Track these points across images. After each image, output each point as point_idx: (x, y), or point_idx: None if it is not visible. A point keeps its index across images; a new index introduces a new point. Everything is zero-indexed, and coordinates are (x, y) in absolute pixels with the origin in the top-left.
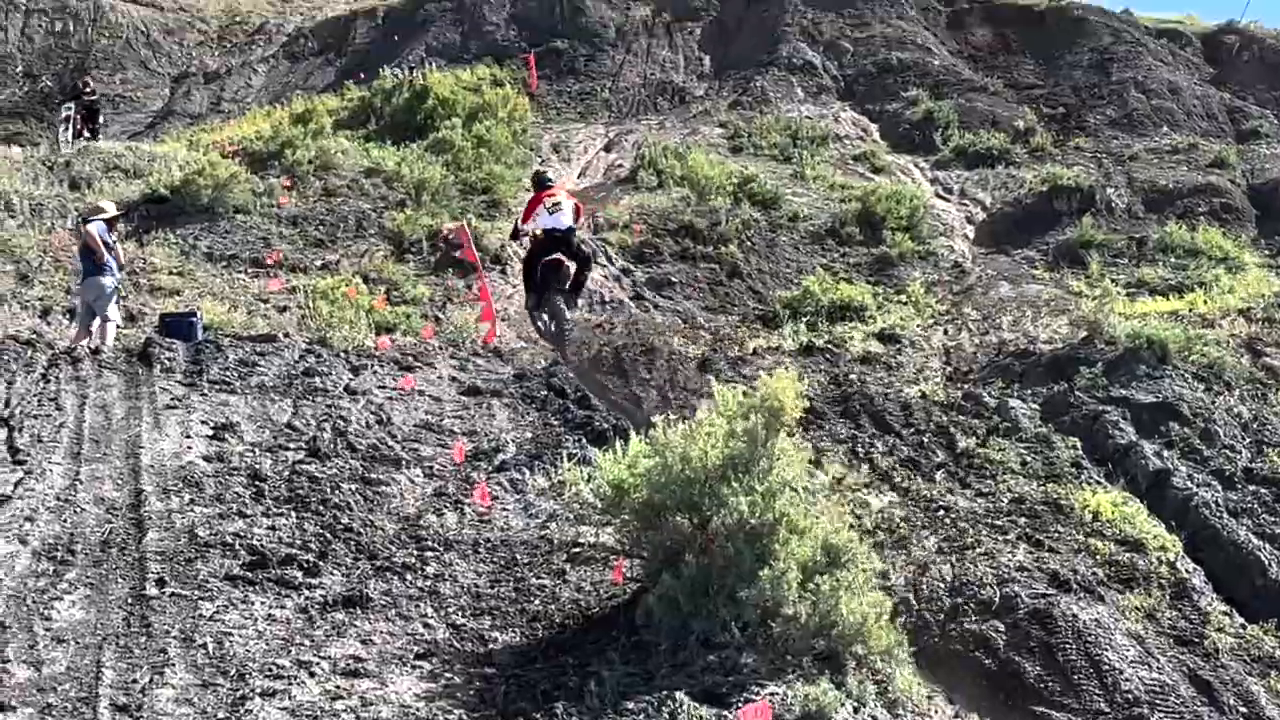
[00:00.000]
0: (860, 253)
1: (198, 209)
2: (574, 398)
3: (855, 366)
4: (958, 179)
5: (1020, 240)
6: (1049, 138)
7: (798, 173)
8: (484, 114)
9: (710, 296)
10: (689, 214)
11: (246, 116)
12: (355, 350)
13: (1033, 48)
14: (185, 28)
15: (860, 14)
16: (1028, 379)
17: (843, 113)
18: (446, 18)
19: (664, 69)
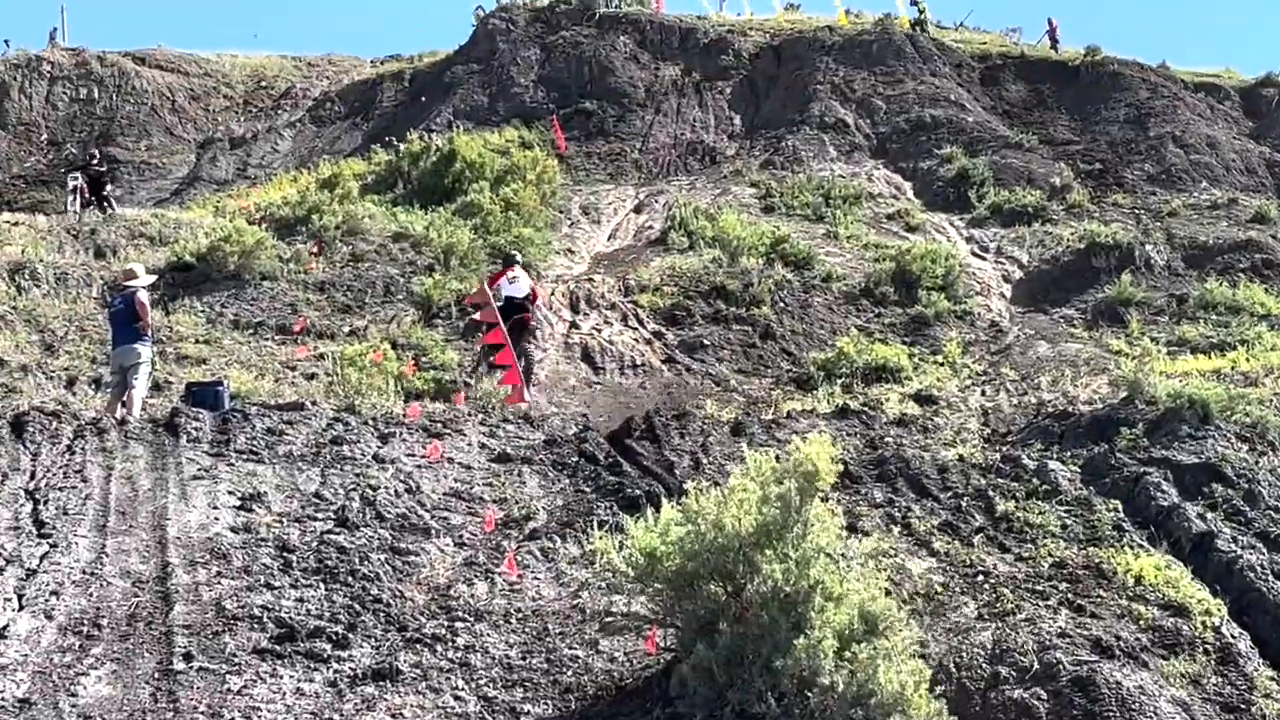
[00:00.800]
0: (895, 313)
1: (224, 276)
2: (605, 464)
3: (891, 429)
4: (994, 237)
5: (1058, 299)
6: (1086, 194)
7: (831, 232)
8: (512, 176)
9: (743, 359)
10: (721, 275)
11: (273, 182)
12: (384, 418)
13: (1068, 103)
14: (211, 93)
15: (893, 71)
16: (1067, 440)
17: (876, 171)
18: (474, 80)
19: (694, 129)
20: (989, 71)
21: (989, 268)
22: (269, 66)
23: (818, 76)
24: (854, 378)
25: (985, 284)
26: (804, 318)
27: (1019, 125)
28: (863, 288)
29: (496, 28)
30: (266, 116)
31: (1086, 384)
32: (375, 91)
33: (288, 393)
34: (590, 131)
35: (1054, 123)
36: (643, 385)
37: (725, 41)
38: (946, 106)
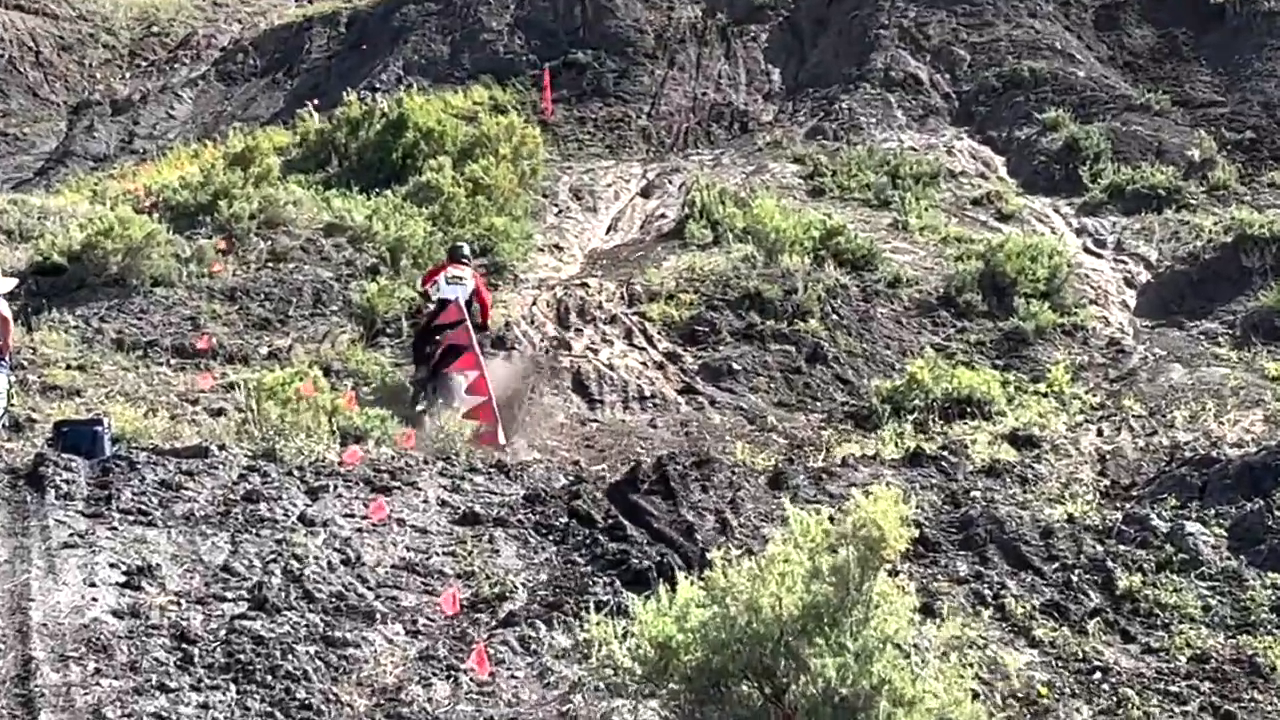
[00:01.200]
0: (984, 327)
1: (104, 281)
2: (604, 526)
3: (979, 480)
4: (1113, 228)
5: (1198, 308)
6: (1234, 172)
7: (899, 222)
8: (481, 150)
9: (784, 388)
10: (755, 279)
11: (168, 158)
12: (313, 466)
13: (1210, 52)
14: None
15: (979, 11)
16: (1211, 495)
17: (958, 141)
18: (431, 24)
19: (719, 87)
20: (1106, 11)
21: (1106, 268)
22: (163, 7)
23: (881, 18)
24: (930, 413)
25: (1102, 289)
26: (864, 334)
27: (1145, 81)
28: (941, 295)
29: None
30: (159, 72)
31: (1235, 421)
32: (302, 39)
33: (188, 434)
34: (584, 91)
35: (1192, 78)
36: (653, 423)
37: None
38: (1050, 57)
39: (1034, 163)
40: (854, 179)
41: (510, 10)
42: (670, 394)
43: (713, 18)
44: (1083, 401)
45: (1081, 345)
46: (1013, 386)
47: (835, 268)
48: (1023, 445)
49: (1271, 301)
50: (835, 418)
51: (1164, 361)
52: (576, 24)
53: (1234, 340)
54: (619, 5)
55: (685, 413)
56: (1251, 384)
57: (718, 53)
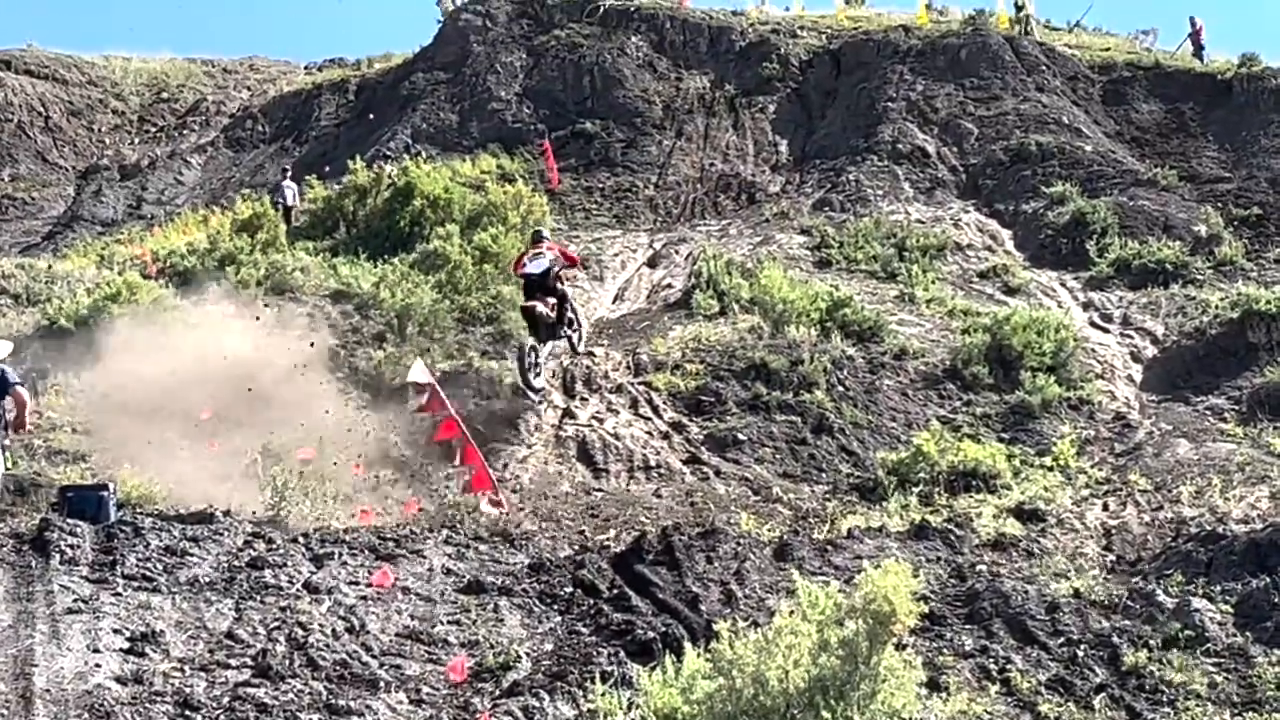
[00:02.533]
0: (990, 400)
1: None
2: (609, 596)
3: (985, 554)
4: (1119, 302)
5: (1204, 384)
6: (1241, 247)
7: (906, 294)
8: (489, 218)
9: (790, 459)
10: (761, 350)
11: (176, 223)
12: (319, 533)
13: (1217, 128)
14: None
15: (987, 85)
16: (1217, 571)
17: (965, 215)
18: (440, 92)
19: (727, 158)
20: (1113, 86)
21: (1113, 343)
22: (172, 73)
23: (889, 91)
24: (936, 485)
25: (1108, 364)
26: (870, 406)
27: (1152, 156)
28: (947, 367)
29: (470, 25)
30: (168, 138)
31: (1241, 497)
32: (311, 106)
33: (193, 500)
34: (591, 161)
35: (1198, 153)
36: (658, 493)
37: (768, 45)
38: (1057, 131)
39: (1041, 236)
40: (861, 250)
41: (519, 80)
42: (676, 464)
43: (721, 89)
44: (1088, 476)
45: (1087, 419)
46: (1018, 460)
47: (842, 339)
48: (1028, 519)
49: (1278, 377)
50: (841, 489)
51: (1170, 437)
52: (585, 94)
53: (1240, 416)
54: (627, 76)
55: (690, 483)
56: (1258, 460)
57: (725, 124)
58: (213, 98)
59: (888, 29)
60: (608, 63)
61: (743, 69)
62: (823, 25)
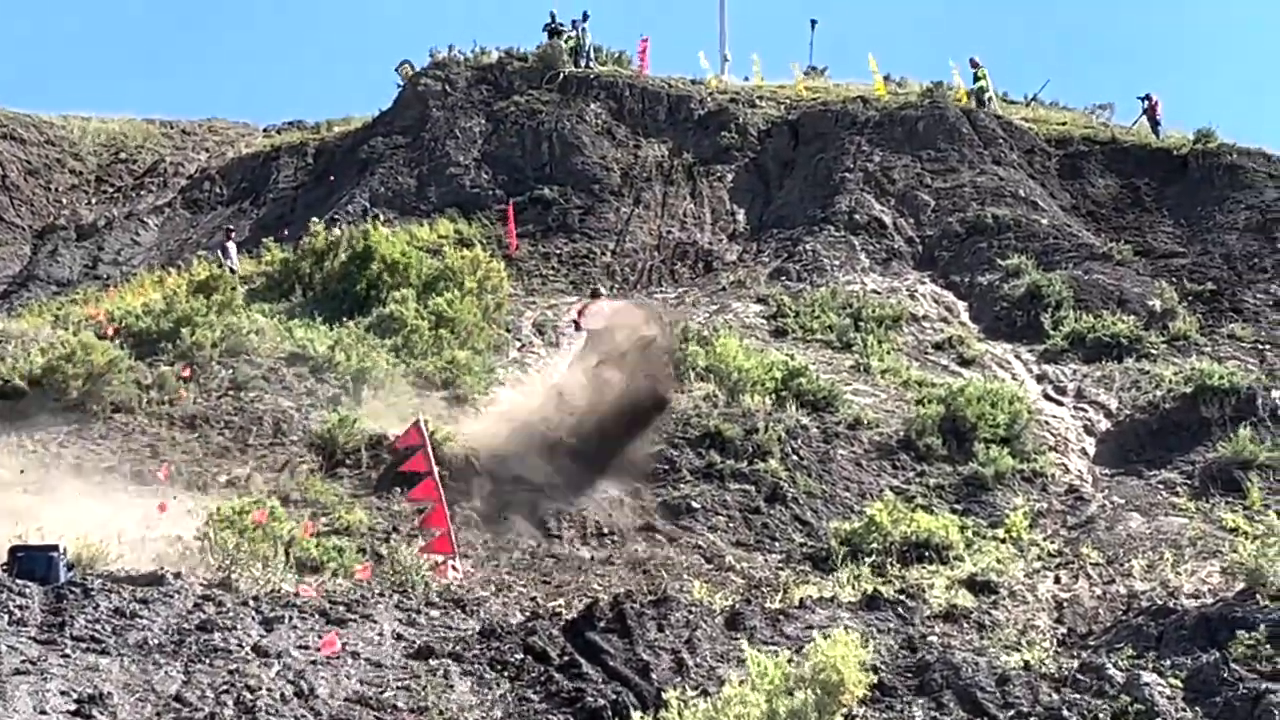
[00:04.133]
0: (943, 471)
1: (64, 406)
2: (560, 663)
3: (936, 625)
4: (1073, 375)
5: (1156, 458)
6: (1194, 322)
7: (861, 364)
8: (446, 283)
9: (743, 528)
10: (716, 418)
11: (132, 284)
12: (269, 597)
13: (1172, 204)
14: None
15: (944, 157)
16: (1167, 645)
17: (921, 286)
18: (398, 156)
19: (684, 226)
20: (1069, 160)
21: (1066, 415)
22: (130, 134)
23: (846, 161)
24: (888, 556)
25: (1061, 436)
26: (824, 475)
27: (1107, 231)
28: (901, 438)
29: (429, 90)
30: (125, 198)
31: (1192, 571)
32: (269, 169)
33: (144, 562)
34: (549, 227)
35: (1153, 228)
36: (610, 559)
37: (727, 114)
38: (1014, 204)
39: (996, 309)
40: (817, 320)
41: (478, 145)
42: (629, 531)
43: (679, 157)
44: (1041, 548)
45: (1040, 492)
46: (971, 531)
47: (796, 408)
48: (980, 591)
49: (1230, 453)
50: (794, 559)
51: (1122, 510)
52: (544, 161)
53: (1192, 491)
54: (586, 143)
55: (643, 551)
56: (1209, 535)
57: (683, 192)
58: (171, 159)
59: (846, 100)
60: (566, 129)
61: (701, 138)
62: (781, 95)
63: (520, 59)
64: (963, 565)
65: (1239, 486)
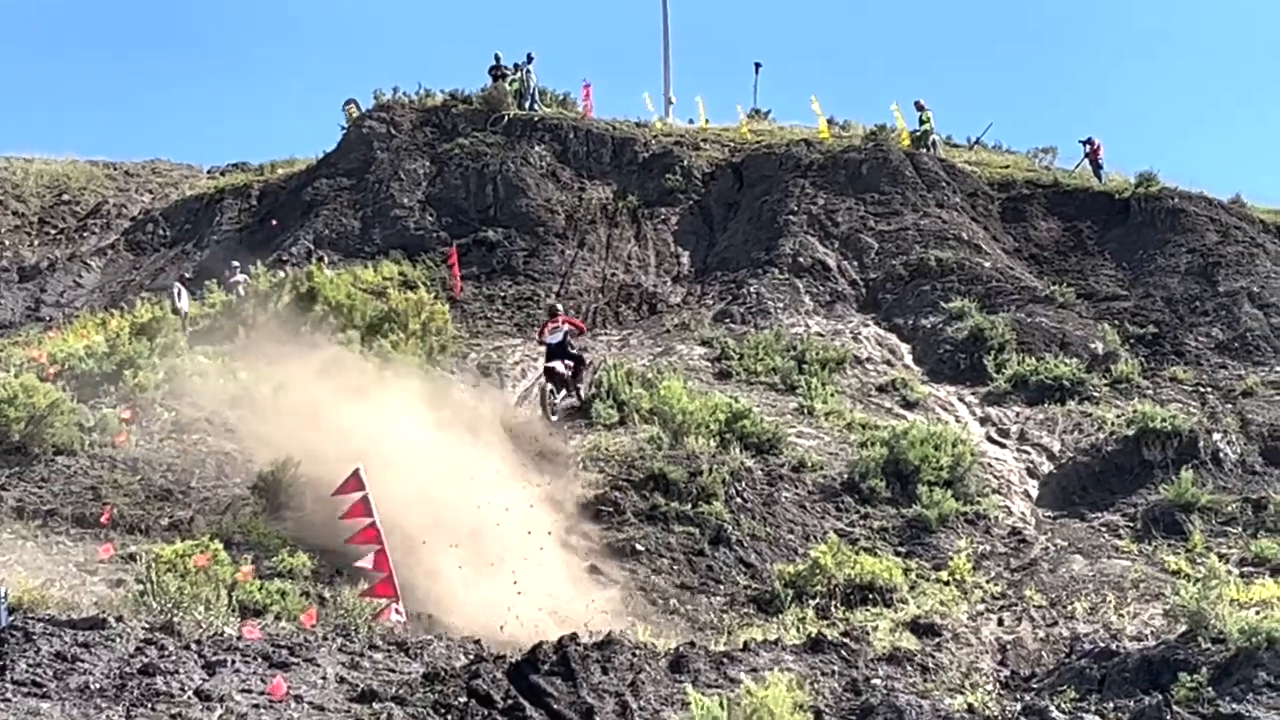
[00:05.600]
0: (887, 514)
1: (5, 448)
2: (503, 706)
3: (880, 667)
4: (1016, 418)
5: (1099, 500)
6: (1136, 365)
7: (805, 407)
8: (390, 324)
9: (688, 570)
10: (660, 460)
11: (74, 326)
12: (211, 640)
13: (1115, 247)
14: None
15: (888, 200)
16: (1109, 688)
17: (864, 329)
18: (343, 198)
19: (629, 268)
20: (1012, 203)
21: (1010, 458)
22: (74, 175)
23: (790, 204)
24: (832, 598)
25: (1005, 479)
26: (768, 518)
27: (1050, 274)
28: (845, 480)
29: (374, 132)
30: (68, 240)
31: (1135, 614)
32: (213, 210)
33: (86, 605)
34: (493, 269)
35: (1095, 272)
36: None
37: (672, 157)
38: (957, 247)
39: (939, 351)
40: (761, 363)
41: (422, 187)
42: (573, 573)
43: (623, 199)
44: (984, 590)
45: (984, 534)
46: (915, 574)
47: (740, 451)
48: (924, 633)
49: (1172, 495)
50: (738, 601)
51: (1065, 552)
52: (488, 202)
53: (1135, 533)
54: (530, 185)
55: (588, 593)
56: (1151, 577)
57: (628, 234)
58: (114, 200)
59: (790, 143)
60: (511, 172)
61: (646, 180)
62: (726, 138)
63: (465, 101)
64: (906, 607)
65: (1181, 529)
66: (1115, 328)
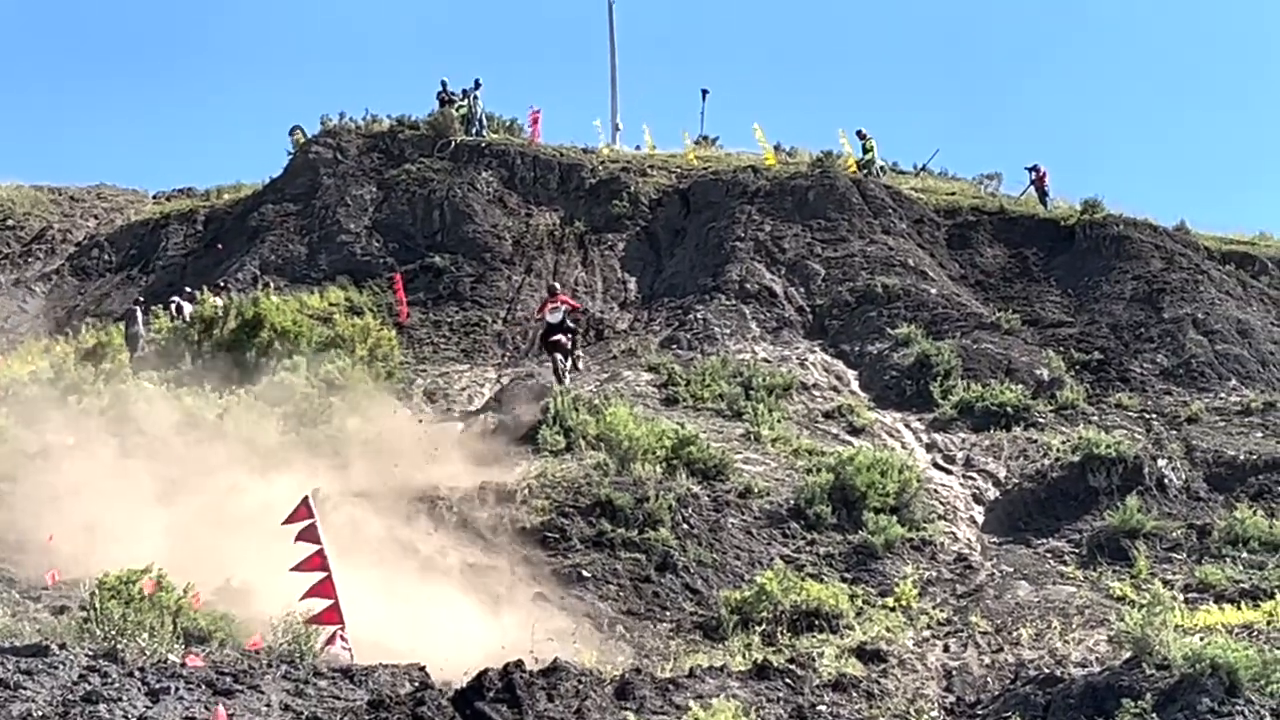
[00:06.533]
0: (833, 540)
1: None
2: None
3: (826, 694)
4: (962, 444)
5: (1044, 526)
6: (1082, 392)
7: (751, 433)
8: (337, 350)
9: (634, 596)
10: (607, 486)
11: (19, 351)
12: (155, 667)
13: (1060, 273)
14: None
15: (834, 226)
16: (1054, 714)
17: (811, 355)
18: (289, 223)
19: (576, 294)
20: (958, 230)
21: (955, 484)
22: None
23: (737, 230)
24: (778, 624)
25: (950, 505)
26: (714, 544)
27: (996, 300)
28: (791, 507)
29: (320, 157)
30: (13, 265)
31: (1080, 640)
32: (159, 235)
33: (27, 631)
34: (440, 295)
35: (1041, 298)
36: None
37: (619, 183)
38: (903, 274)
39: (886, 377)
40: (707, 389)
41: (369, 213)
42: (520, 599)
43: (570, 225)
44: (930, 617)
45: (929, 560)
46: (861, 600)
47: (687, 477)
48: (870, 659)
49: (1117, 521)
50: (684, 627)
51: (1011, 578)
52: (435, 228)
53: (1080, 559)
54: (477, 211)
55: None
56: (1096, 603)
57: (575, 260)
58: (59, 225)
59: (737, 169)
60: (458, 197)
61: (593, 206)
62: (673, 165)
63: (412, 127)
64: (852, 634)
65: (1126, 555)
66: (1061, 354)
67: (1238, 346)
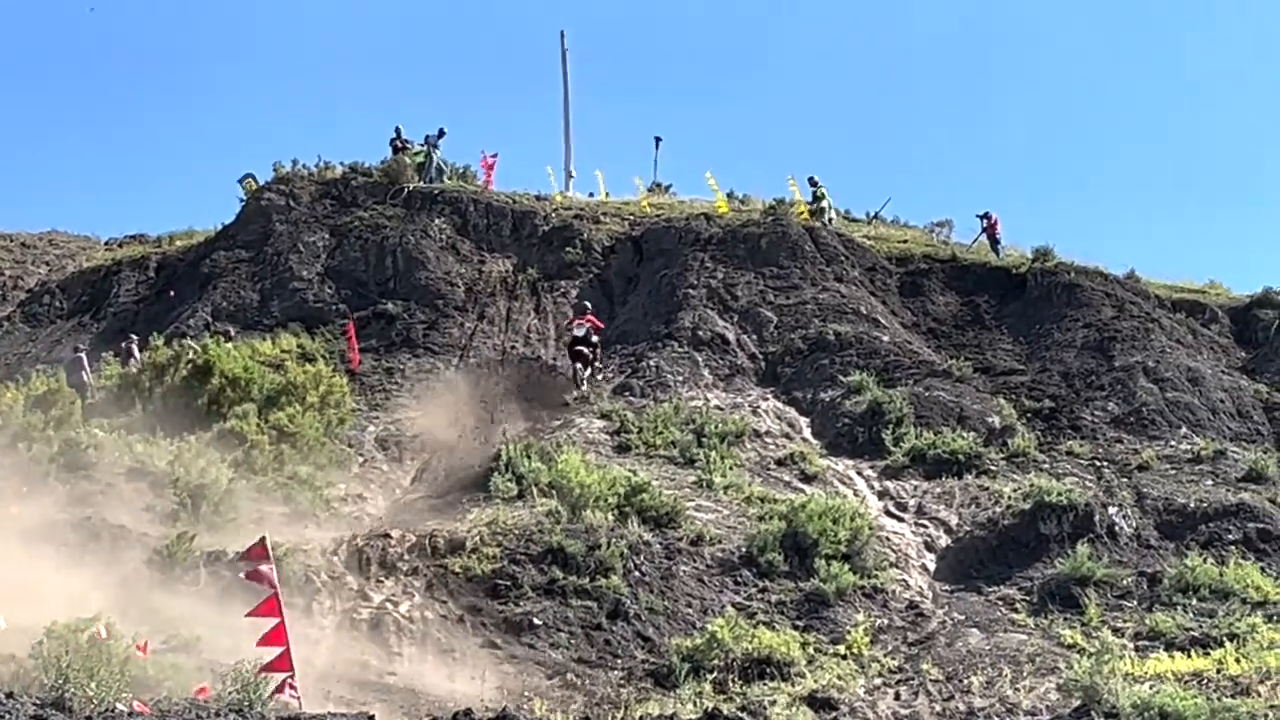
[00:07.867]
0: (785, 588)
1: None
2: None
3: None
4: (914, 492)
5: (996, 574)
6: (1033, 439)
7: (703, 480)
8: (288, 397)
9: (585, 644)
10: (559, 534)
11: None
12: (102, 715)
13: (1012, 321)
14: None
15: (786, 274)
16: None
17: (763, 402)
18: (241, 270)
19: (529, 341)
20: (910, 278)
21: (907, 532)
22: None
23: (690, 278)
24: (729, 672)
25: (902, 553)
26: (666, 592)
27: (948, 348)
28: (743, 554)
29: (272, 204)
30: None
31: (1030, 687)
32: (110, 282)
33: None
34: (393, 341)
35: (993, 346)
36: (451, 677)
37: (572, 230)
38: (855, 321)
39: (838, 425)
40: (660, 436)
41: (321, 260)
42: (471, 648)
43: (524, 272)
44: (881, 664)
45: (881, 608)
46: (812, 648)
47: (639, 524)
48: (821, 708)
49: (1068, 569)
50: (635, 675)
51: (962, 626)
52: (387, 275)
53: (1031, 606)
54: (430, 258)
55: (486, 667)
56: (1047, 650)
57: (528, 307)
58: (10, 272)
59: (690, 217)
60: (411, 244)
61: (546, 253)
62: (626, 212)
63: (365, 174)
64: (804, 681)
65: (1077, 603)
66: (1012, 402)
67: (1188, 394)
